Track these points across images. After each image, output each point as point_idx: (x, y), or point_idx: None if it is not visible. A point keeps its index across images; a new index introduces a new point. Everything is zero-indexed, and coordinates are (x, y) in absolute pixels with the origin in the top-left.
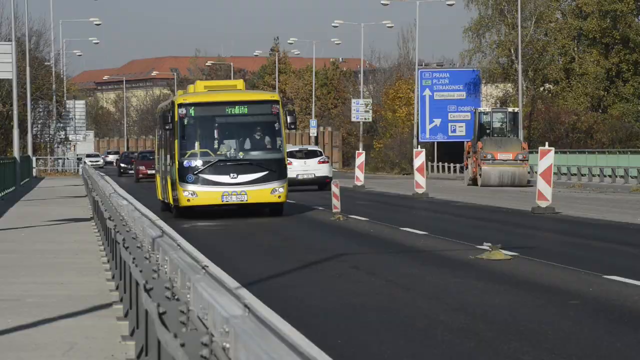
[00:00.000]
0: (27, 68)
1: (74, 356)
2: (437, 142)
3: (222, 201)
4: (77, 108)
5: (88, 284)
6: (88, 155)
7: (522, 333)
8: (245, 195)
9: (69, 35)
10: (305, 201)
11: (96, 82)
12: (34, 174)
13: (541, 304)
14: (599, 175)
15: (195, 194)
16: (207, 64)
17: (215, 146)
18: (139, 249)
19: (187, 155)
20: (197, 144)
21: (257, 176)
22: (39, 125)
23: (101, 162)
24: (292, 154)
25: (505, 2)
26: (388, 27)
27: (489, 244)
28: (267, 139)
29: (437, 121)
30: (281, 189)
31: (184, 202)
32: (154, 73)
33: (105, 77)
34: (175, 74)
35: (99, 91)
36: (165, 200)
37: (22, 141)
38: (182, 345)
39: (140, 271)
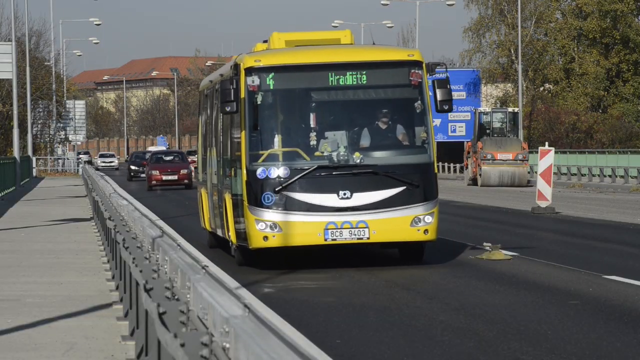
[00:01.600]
0: (27, 68)
1: (74, 356)
2: (437, 142)
3: (326, 240)
4: (77, 108)
5: (88, 284)
6: (101, 155)
7: (522, 333)
8: (366, 230)
9: (69, 35)
10: None
11: (96, 82)
12: (34, 174)
13: (541, 304)
14: (599, 175)
15: (277, 226)
16: (207, 64)
17: (312, 142)
18: (139, 249)
19: (261, 158)
20: (278, 139)
21: (386, 195)
22: (39, 125)
23: (116, 163)
24: None
25: (505, 2)
26: (388, 27)
27: (489, 244)
28: (402, 129)
29: (437, 121)
30: (429, 218)
31: (257, 242)
32: (154, 73)
33: (105, 77)
34: (175, 74)
35: (99, 91)
36: (219, 233)
37: (22, 141)
38: (182, 345)
39: (140, 271)
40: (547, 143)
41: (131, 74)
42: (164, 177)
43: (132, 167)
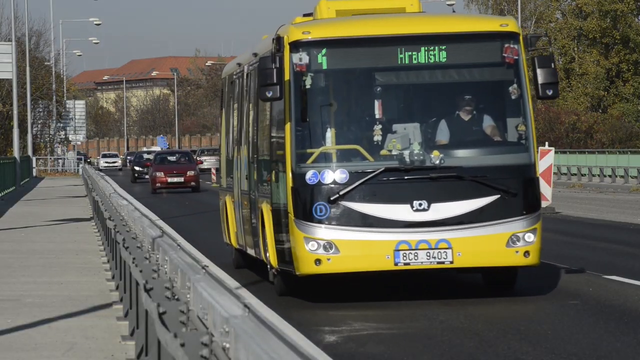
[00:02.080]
0: (27, 68)
1: (74, 356)
2: None
3: (396, 264)
4: (77, 108)
5: (88, 284)
6: (104, 155)
7: (522, 333)
8: (449, 251)
9: (69, 35)
10: None
11: (96, 82)
12: (34, 174)
13: (541, 304)
14: (599, 175)
15: (332, 247)
16: (207, 64)
17: (376, 138)
18: (139, 249)
19: (312, 157)
20: (333, 133)
21: (474, 206)
22: (39, 125)
23: (119, 163)
24: None
25: (505, 2)
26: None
27: None
28: (493, 120)
29: None
30: (530, 236)
31: (307, 266)
32: (154, 73)
33: (105, 77)
34: (175, 74)
35: (99, 91)
36: (250, 252)
37: (22, 141)
38: (182, 345)
39: (140, 271)
40: (547, 143)
41: (131, 74)
42: (169, 179)
43: (136, 168)
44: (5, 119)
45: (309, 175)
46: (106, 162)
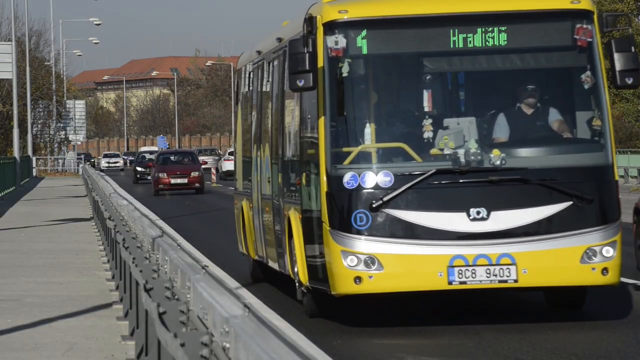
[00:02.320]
0: (27, 68)
1: (74, 356)
2: None
3: (450, 283)
4: (77, 108)
5: (88, 284)
6: (105, 155)
7: (522, 333)
8: (513, 268)
9: (69, 35)
10: None
11: (96, 82)
12: (34, 174)
13: (541, 303)
14: None
15: (375, 262)
16: (207, 64)
17: (425, 134)
18: (139, 249)
19: (349, 157)
20: (373, 129)
21: (542, 214)
22: (39, 125)
23: (121, 163)
24: (233, 154)
25: None
26: None
27: None
28: (558, 114)
29: None
30: (609, 251)
31: (344, 285)
32: (154, 73)
33: (105, 77)
34: (175, 74)
35: (99, 91)
36: (271, 265)
37: (22, 141)
38: (182, 345)
39: (140, 271)
40: None
41: (131, 74)
42: (173, 181)
43: (138, 169)
44: (5, 119)
45: (346, 178)
46: (107, 163)
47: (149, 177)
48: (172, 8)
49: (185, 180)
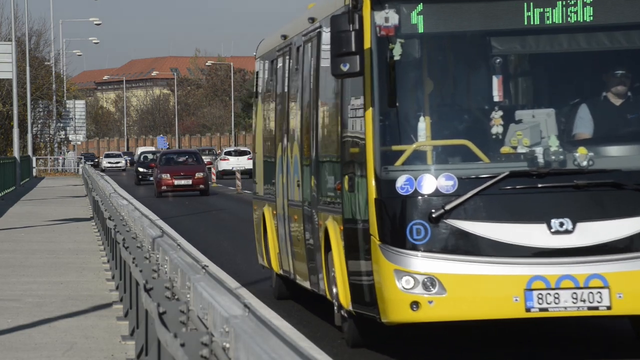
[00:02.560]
0: (27, 68)
1: (74, 356)
2: None
3: (528, 310)
4: (77, 108)
5: (88, 284)
6: (107, 155)
7: (522, 333)
8: (605, 291)
9: (69, 35)
10: None
11: (96, 82)
12: (34, 174)
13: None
14: None
15: (436, 284)
16: (207, 64)
17: (494, 129)
18: (139, 249)
19: (403, 157)
20: (428, 122)
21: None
22: (39, 125)
23: (123, 164)
24: (229, 153)
25: None
26: None
27: None
28: None
29: None
30: None
31: (399, 311)
32: (154, 73)
33: (105, 77)
34: (175, 74)
35: (99, 91)
36: (300, 282)
37: (22, 141)
38: (182, 345)
39: (140, 271)
40: None
41: (131, 74)
42: (176, 182)
43: (140, 170)
44: (5, 119)
45: (400, 182)
46: (109, 163)
47: (151, 178)
48: (172, 8)
49: (190, 182)
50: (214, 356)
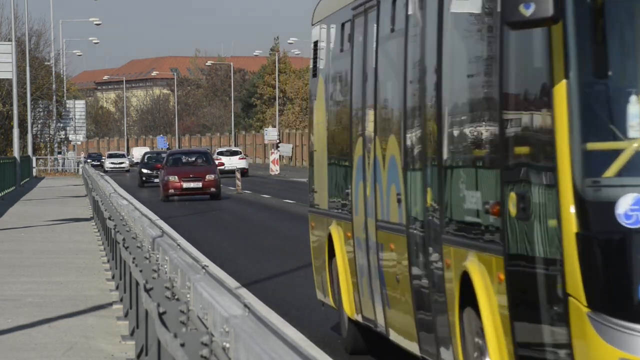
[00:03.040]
0: (27, 68)
1: (74, 356)
2: None
3: None
4: (77, 108)
5: (88, 284)
6: (110, 155)
7: None
8: None
9: (69, 35)
10: None
11: (96, 82)
12: (34, 174)
13: None
14: None
15: None
16: (207, 64)
17: None
18: (139, 249)
19: (616, 162)
20: None
21: None
22: (39, 125)
23: (126, 164)
24: (221, 153)
25: None
26: None
27: None
28: None
29: None
30: None
31: None
32: (154, 73)
33: (105, 77)
34: (175, 74)
35: (99, 91)
36: (396, 339)
37: (22, 141)
38: (182, 345)
39: (140, 271)
40: None
41: (131, 74)
42: (185, 185)
43: (144, 171)
44: (5, 119)
45: (625, 205)
46: (112, 163)
47: (156, 180)
48: (172, 8)
49: (199, 185)
50: (214, 356)
